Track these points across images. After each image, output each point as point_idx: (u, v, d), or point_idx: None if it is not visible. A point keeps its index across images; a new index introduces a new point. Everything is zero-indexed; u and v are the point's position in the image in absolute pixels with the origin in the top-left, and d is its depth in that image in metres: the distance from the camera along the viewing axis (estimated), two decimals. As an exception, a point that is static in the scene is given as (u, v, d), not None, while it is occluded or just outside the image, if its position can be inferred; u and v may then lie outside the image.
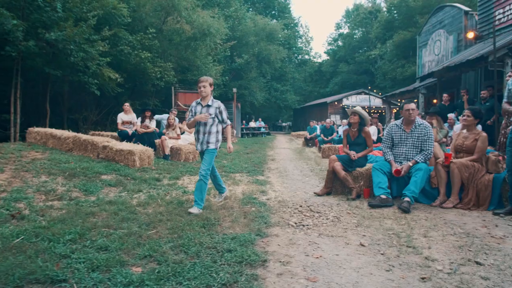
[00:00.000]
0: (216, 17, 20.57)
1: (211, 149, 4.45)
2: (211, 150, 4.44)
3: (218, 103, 4.53)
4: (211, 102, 4.50)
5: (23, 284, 2.40)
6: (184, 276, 2.48)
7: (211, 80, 4.52)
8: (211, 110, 4.45)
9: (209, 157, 4.41)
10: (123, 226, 3.61)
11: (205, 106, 4.47)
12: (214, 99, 4.54)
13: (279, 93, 37.39)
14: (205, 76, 4.48)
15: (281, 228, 3.70)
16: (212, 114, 4.43)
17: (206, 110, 4.44)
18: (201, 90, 4.41)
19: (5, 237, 3.13)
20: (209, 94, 4.49)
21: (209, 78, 4.48)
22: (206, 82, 4.41)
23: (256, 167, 8.46)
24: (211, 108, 4.46)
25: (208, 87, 4.43)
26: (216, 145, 4.50)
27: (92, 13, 11.92)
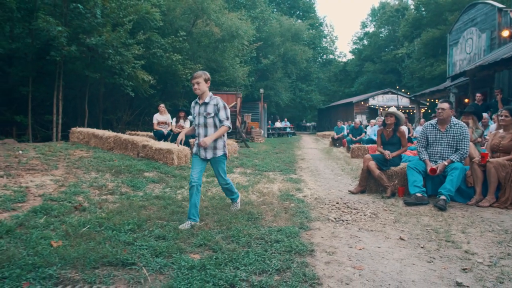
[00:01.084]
0: (243, 19, 20.90)
1: (219, 156, 3.92)
2: (220, 159, 3.93)
3: (216, 100, 3.91)
4: (208, 99, 3.88)
5: (98, 266, 2.71)
6: (240, 262, 2.73)
7: (207, 75, 3.92)
8: (209, 109, 3.85)
9: (222, 166, 3.95)
10: (174, 219, 3.91)
11: (202, 105, 3.90)
12: (213, 95, 3.96)
13: (304, 93, 37.41)
14: (199, 71, 3.90)
15: (321, 222, 3.91)
16: (211, 113, 3.85)
17: (204, 109, 3.87)
18: (195, 88, 3.83)
19: (74, 226, 3.48)
20: (206, 91, 3.90)
21: (203, 73, 3.88)
22: (200, 78, 3.82)
23: (287, 166, 8.67)
24: (209, 106, 3.86)
25: (203, 84, 3.84)
26: (224, 150, 3.97)
27: (128, 18, 12.48)
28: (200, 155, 3.92)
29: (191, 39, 17.57)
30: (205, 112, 3.86)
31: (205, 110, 3.86)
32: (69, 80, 13.01)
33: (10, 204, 3.92)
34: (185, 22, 18.03)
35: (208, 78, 3.91)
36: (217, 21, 17.90)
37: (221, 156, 3.95)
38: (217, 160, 3.93)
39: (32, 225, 3.39)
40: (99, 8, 11.24)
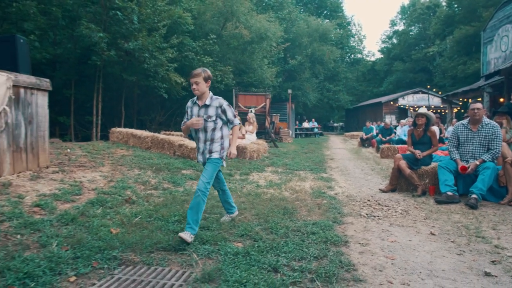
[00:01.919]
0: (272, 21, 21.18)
1: (214, 158, 3.49)
2: (214, 160, 3.48)
3: (219, 101, 3.49)
4: (209, 100, 3.47)
5: (153, 250, 3.05)
6: (280, 250, 2.99)
7: (207, 73, 3.46)
8: (211, 111, 3.45)
9: (212, 167, 3.45)
10: (215, 212, 4.23)
11: (202, 107, 3.47)
12: (214, 96, 3.53)
13: (332, 93, 37.22)
14: (198, 69, 3.45)
15: (353, 217, 4.11)
16: (212, 116, 3.45)
17: (204, 112, 3.45)
18: (194, 88, 3.41)
19: (127, 216, 3.86)
20: (206, 91, 3.47)
21: (203, 71, 3.42)
22: (199, 77, 3.38)
23: (317, 166, 8.85)
24: (210, 108, 3.45)
25: (203, 83, 3.40)
26: (221, 154, 3.53)
27: (162, 23, 13.04)
28: (199, 161, 3.66)
29: (220, 41, 18.01)
30: (205, 114, 3.44)
31: (205, 112, 3.45)
32: (107, 82, 13.72)
33: (70, 196, 4.36)
34: (214, 25, 18.52)
35: (208, 76, 3.46)
36: (246, 24, 18.27)
37: (215, 159, 3.48)
38: (209, 161, 3.49)
39: (91, 215, 3.80)
40: (136, 14, 11.82)
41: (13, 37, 5.17)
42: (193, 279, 2.54)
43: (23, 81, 5.09)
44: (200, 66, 15.97)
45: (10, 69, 4.96)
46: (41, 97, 5.53)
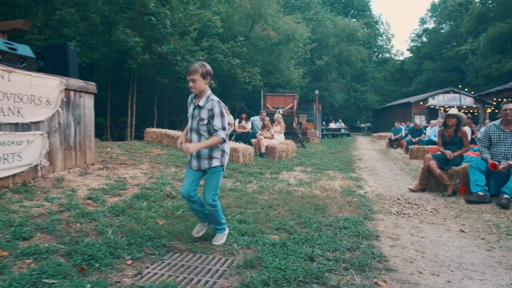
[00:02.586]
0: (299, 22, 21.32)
1: (215, 167, 3.14)
2: (216, 169, 3.15)
3: (212, 104, 3.04)
4: (204, 101, 3.08)
5: (197, 240, 3.33)
6: (315, 242, 3.20)
7: (206, 69, 3.05)
8: (203, 114, 3.07)
9: (215, 179, 3.14)
10: (250, 207, 4.48)
11: (196, 107, 3.13)
12: (211, 96, 3.11)
13: (359, 94, 36.83)
14: (195, 64, 3.05)
15: (384, 215, 4.26)
16: (204, 119, 3.07)
17: (198, 113, 3.11)
18: (191, 86, 3.05)
19: (169, 209, 4.18)
20: (205, 89, 3.09)
21: (200, 66, 3.02)
22: (196, 74, 2.99)
23: (346, 166, 8.96)
24: (203, 110, 3.07)
25: (200, 80, 3.02)
26: (222, 161, 3.19)
27: (193, 26, 13.47)
28: (192, 166, 3.21)
29: (248, 43, 18.30)
30: (198, 116, 3.10)
31: (198, 114, 3.10)
32: (141, 85, 14.30)
33: (116, 191, 4.73)
34: (242, 28, 18.84)
35: (206, 72, 3.04)
36: (273, 25, 18.49)
37: (217, 167, 3.15)
38: (213, 170, 3.15)
39: (138, 207, 4.14)
40: (169, 19, 12.28)
41: (65, 44, 5.63)
42: (236, 265, 2.79)
43: (73, 84, 5.54)
44: (228, 68, 16.40)
45: (62, 73, 5.42)
46: (88, 99, 5.98)
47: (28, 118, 4.71)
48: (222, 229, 3.33)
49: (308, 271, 2.56)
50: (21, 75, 4.61)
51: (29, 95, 4.71)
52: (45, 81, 5.00)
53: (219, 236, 3.31)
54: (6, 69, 4.40)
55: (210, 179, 3.18)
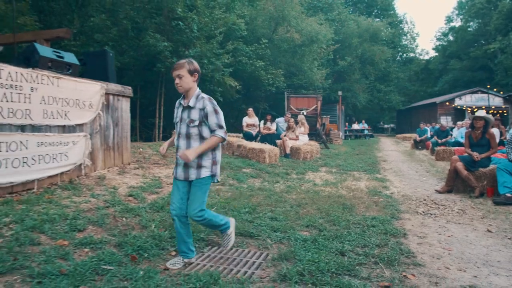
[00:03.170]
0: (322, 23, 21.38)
1: (204, 178, 2.82)
2: (204, 181, 2.82)
3: (203, 103, 2.77)
4: (194, 101, 2.78)
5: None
6: (344, 238, 3.38)
7: (193, 65, 2.79)
8: (194, 114, 2.78)
9: (202, 192, 2.83)
10: (279, 205, 4.69)
11: (185, 108, 2.82)
12: (202, 94, 2.84)
13: (382, 94, 36.38)
14: (182, 60, 2.81)
15: (410, 214, 4.38)
16: (195, 120, 2.77)
17: (187, 115, 2.80)
18: (176, 83, 2.77)
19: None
20: (192, 87, 2.81)
21: (188, 63, 2.77)
22: (182, 70, 2.74)
23: (370, 167, 9.03)
24: (193, 111, 2.78)
25: (188, 77, 2.75)
26: (213, 170, 2.87)
27: (219, 30, 13.81)
28: (178, 175, 2.86)
29: (272, 45, 18.53)
30: (188, 118, 2.78)
31: (188, 115, 2.78)
32: (168, 87, 14.77)
33: (154, 189, 5.05)
34: (266, 30, 19.09)
35: (194, 69, 2.79)
36: (297, 27, 18.65)
37: (207, 178, 2.83)
38: (196, 183, 2.80)
39: (175, 204, 4.42)
40: (196, 23, 12.67)
41: (105, 51, 6.02)
42: (271, 258, 3.01)
43: (112, 89, 5.91)
44: (252, 70, 16.67)
45: (102, 79, 5.79)
46: (125, 102, 6.35)
47: (74, 120, 5.09)
48: (226, 227, 3.17)
49: (340, 264, 2.75)
50: (67, 81, 5.00)
51: (75, 99, 5.10)
52: (88, 86, 5.38)
53: (225, 237, 3.17)
54: (55, 75, 4.79)
55: (197, 192, 2.79)
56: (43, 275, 2.39)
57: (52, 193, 4.32)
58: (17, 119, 4.23)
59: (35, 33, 6.99)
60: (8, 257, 2.56)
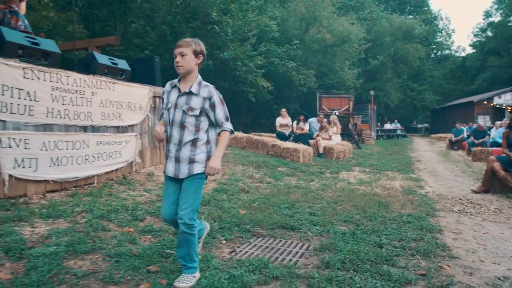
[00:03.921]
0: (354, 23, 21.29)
1: (197, 174, 2.47)
2: (197, 178, 2.48)
3: (208, 91, 2.48)
4: (196, 87, 2.47)
5: (275, 227, 3.85)
6: (381, 232, 3.60)
7: (200, 46, 2.47)
8: (195, 102, 2.44)
9: (195, 190, 2.48)
10: (317, 202, 4.94)
11: (184, 94, 2.46)
12: (205, 82, 2.55)
13: (416, 93, 35.57)
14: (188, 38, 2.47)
15: (446, 213, 4.51)
16: (195, 108, 2.43)
17: (185, 101, 2.44)
18: (177, 62, 2.42)
19: (246, 202, 4.77)
20: (194, 70, 2.49)
21: (194, 42, 2.45)
22: (188, 48, 2.42)
23: (404, 167, 9.06)
24: (195, 98, 2.45)
25: (191, 57, 2.43)
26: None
27: (252, 32, 14.18)
28: (168, 171, 2.52)
29: (303, 46, 18.69)
30: (186, 105, 2.43)
31: (186, 102, 2.44)
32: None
33: (198, 185, 5.44)
34: (297, 31, 19.27)
35: (200, 51, 2.47)
36: (328, 27, 18.72)
37: (199, 174, 2.47)
38: (189, 181, 2.46)
39: (220, 199, 4.78)
40: (230, 26, 13.10)
41: (152, 57, 6.49)
42: (313, 249, 3.28)
43: (158, 92, 6.36)
44: (284, 71, 16.90)
45: (150, 82, 6.26)
46: (169, 104, 6.80)
47: (126, 121, 5.57)
48: (193, 268, 2.51)
49: (379, 254, 2.98)
50: (121, 86, 5.48)
51: (127, 102, 5.57)
52: (138, 90, 5.86)
53: (186, 277, 2.44)
54: (111, 81, 5.28)
55: (189, 190, 2.45)
56: (118, 255, 2.79)
57: (110, 187, 4.79)
58: (81, 120, 4.73)
59: (88, 41, 7.60)
60: (88, 240, 2.98)
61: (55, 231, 3.08)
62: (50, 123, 4.30)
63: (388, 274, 2.62)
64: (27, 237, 2.90)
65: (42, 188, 4.20)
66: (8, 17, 5.23)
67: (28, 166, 4.01)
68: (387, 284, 2.48)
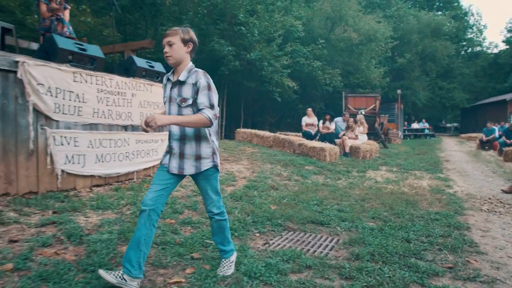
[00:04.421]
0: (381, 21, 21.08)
1: (208, 170, 2.42)
2: (210, 172, 2.44)
3: (195, 76, 2.33)
4: (185, 75, 2.35)
5: (305, 222, 4.04)
6: (409, 229, 3.72)
7: (189, 34, 2.37)
8: (186, 91, 2.34)
9: (213, 183, 2.48)
10: (344, 199, 5.08)
11: (175, 84, 2.38)
12: (195, 69, 2.40)
13: (445, 92, 34.65)
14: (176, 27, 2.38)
15: (474, 211, 4.55)
16: (188, 98, 2.33)
17: (177, 92, 2.36)
18: (166, 53, 2.32)
19: (276, 198, 4.98)
20: (185, 59, 2.38)
21: (182, 30, 2.35)
22: (175, 37, 2.32)
23: (432, 167, 9.01)
24: (185, 87, 2.34)
25: (180, 46, 2.33)
26: (214, 160, 2.44)
27: (278, 33, 14.36)
28: (171, 168, 2.41)
29: (328, 45, 18.70)
30: (179, 96, 2.35)
31: (179, 93, 2.35)
32: (231, 89, 15.63)
33: (230, 182, 5.69)
34: (322, 30, 19.30)
35: (190, 38, 2.37)
36: (354, 26, 18.64)
37: (210, 169, 2.43)
38: (205, 175, 2.43)
39: (251, 195, 5.01)
40: (256, 27, 13.33)
41: (185, 60, 6.80)
42: (342, 243, 3.45)
43: (191, 93, 6.67)
44: (309, 70, 16.98)
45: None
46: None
47: (162, 121, 5.89)
48: (231, 251, 2.66)
49: (407, 248, 3.12)
50: (157, 87, 5.81)
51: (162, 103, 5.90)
52: (173, 91, 6.17)
53: (226, 264, 2.59)
54: (149, 83, 5.62)
55: (207, 186, 2.45)
56: (164, 243, 3.06)
57: (148, 183, 5.11)
58: (122, 120, 5.08)
59: (125, 45, 8.03)
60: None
61: (106, 220, 3.39)
62: (95, 123, 4.66)
63: (416, 266, 2.77)
64: (83, 225, 3.22)
65: (89, 182, 4.56)
66: (55, 24, 5.67)
67: (77, 162, 4.38)
68: (415, 275, 2.63)
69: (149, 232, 2.30)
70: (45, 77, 3.99)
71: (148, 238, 2.30)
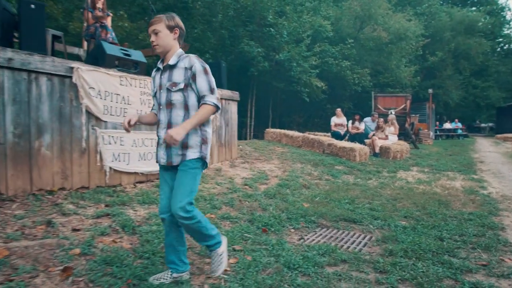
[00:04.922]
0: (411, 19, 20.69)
1: (191, 160, 2.28)
2: (192, 164, 2.28)
3: (188, 60, 2.28)
4: (175, 59, 2.30)
5: (338, 220, 4.17)
6: (442, 228, 3.78)
7: (174, 20, 2.32)
8: (177, 75, 2.27)
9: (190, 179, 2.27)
10: (376, 199, 5.17)
11: (165, 70, 2.33)
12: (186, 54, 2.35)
13: (479, 90, 33.45)
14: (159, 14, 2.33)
15: (509, 212, 4.54)
16: (179, 82, 2.26)
17: (168, 78, 2.30)
18: (152, 42, 2.29)
19: (309, 196, 5.13)
20: (173, 46, 2.32)
21: (167, 17, 2.30)
22: (160, 24, 2.27)
23: (465, 168, 8.86)
24: (176, 71, 2.28)
25: (167, 34, 2.28)
26: (202, 151, 2.32)
27: (306, 33, 14.45)
28: (159, 159, 2.37)
29: (357, 45, 18.56)
30: (168, 81, 2.28)
31: (169, 78, 2.29)
32: (259, 89, 15.86)
33: (263, 180, 5.89)
34: (351, 29, 19.17)
35: (176, 24, 2.32)
36: (384, 25, 18.41)
37: (194, 160, 2.29)
38: (185, 166, 2.27)
39: (284, 193, 5.19)
40: (285, 28, 13.48)
41: (219, 62, 7.07)
42: (375, 240, 3.57)
43: (225, 94, 6.93)
44: (338, 70, 16.93)
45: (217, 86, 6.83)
46: (233, 106, 7.35)
47: (198, 122, 6.17)
48: (217, 243, 2.45)
49: (440, 246, 3.21)
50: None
51: (199, 104, 6.17)
52: (208, 93, 6.44)
53: (216, 256, 2.45)
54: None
55: (183, 179, 2.25)
56: (207, 236, 3.29)
57: (186, 180, 5.39)
58: (162, 121, 5.38)
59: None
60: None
61: (153, 214, 3.67)
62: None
63: (450, 263, 2.86)
64: (133, 217, 3.51)
65: (132, 179, 4.88)
66: (99, 31, 6.06)
67: (123, 160, 4.71)
68: (448, 271, 2.72)
69: (178, 234, 2.39)
70: (95, 81, 4.33)
71: (179, 238, 2.40)
